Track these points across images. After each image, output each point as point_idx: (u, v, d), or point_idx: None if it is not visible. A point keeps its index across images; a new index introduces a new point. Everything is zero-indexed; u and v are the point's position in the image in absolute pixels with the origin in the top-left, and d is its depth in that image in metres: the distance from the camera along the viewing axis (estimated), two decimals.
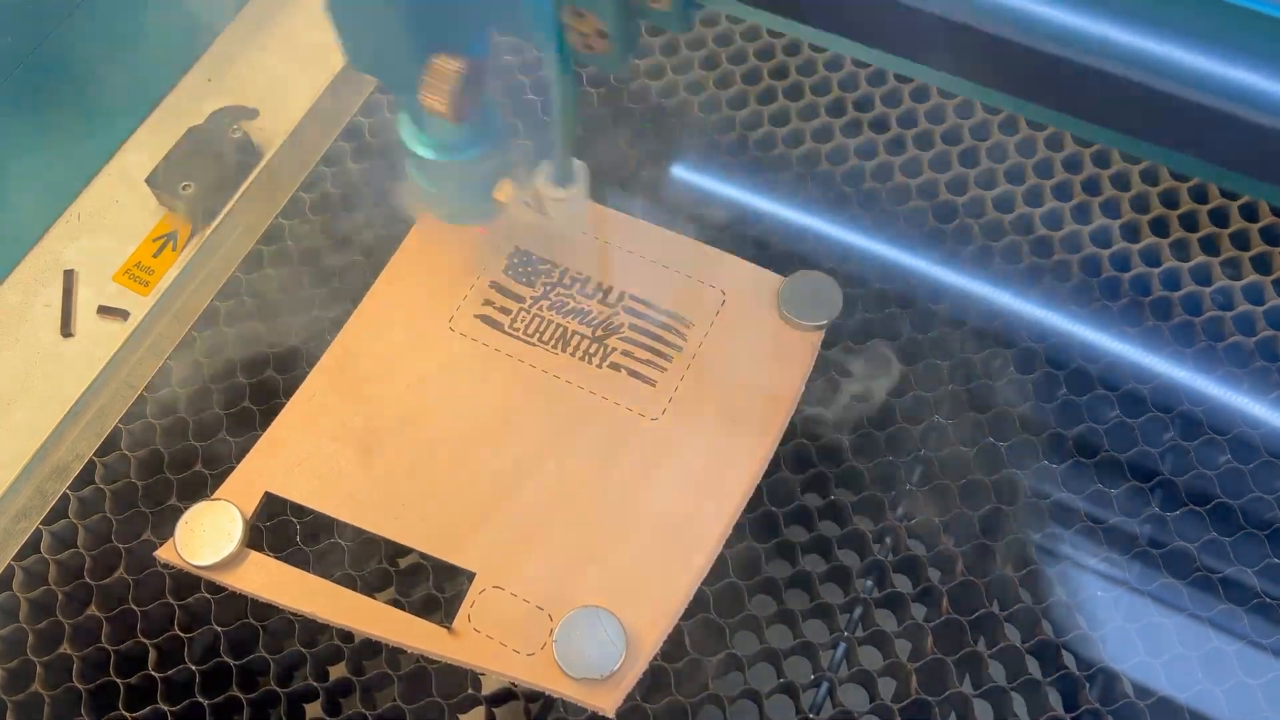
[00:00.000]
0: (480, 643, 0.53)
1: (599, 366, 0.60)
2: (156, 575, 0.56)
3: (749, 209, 0.67)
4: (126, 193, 0.71)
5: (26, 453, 0.61)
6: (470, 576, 0.55)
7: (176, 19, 0.74)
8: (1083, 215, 0.66)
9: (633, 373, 0.60)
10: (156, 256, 0.68)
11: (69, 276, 0.67)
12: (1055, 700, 0.53)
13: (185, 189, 0.68)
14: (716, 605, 0.55)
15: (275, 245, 0.66)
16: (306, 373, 0.61)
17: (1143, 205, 0.66)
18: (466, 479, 0.57)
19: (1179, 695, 0.52)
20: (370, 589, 0.56)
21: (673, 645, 0.53)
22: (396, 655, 0.54)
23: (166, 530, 0.56)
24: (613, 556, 0.55)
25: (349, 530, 0.57)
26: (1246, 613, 0.54)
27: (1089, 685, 0.53)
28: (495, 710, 0.54)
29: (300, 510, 0.57)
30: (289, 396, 0.60)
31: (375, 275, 0.64)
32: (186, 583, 0.56)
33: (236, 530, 0.55)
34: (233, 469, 0.58)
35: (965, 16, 0.38)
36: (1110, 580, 0.55)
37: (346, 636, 0.55)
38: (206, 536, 0.55)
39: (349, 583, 0.55)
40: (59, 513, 0.58)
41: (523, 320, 0.62)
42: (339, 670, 0.55)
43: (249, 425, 0.60)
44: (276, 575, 0.55)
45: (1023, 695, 0.54)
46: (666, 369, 0.60)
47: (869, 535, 0.57)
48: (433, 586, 0.56)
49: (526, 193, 0.53)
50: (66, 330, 0.66)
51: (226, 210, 0.69)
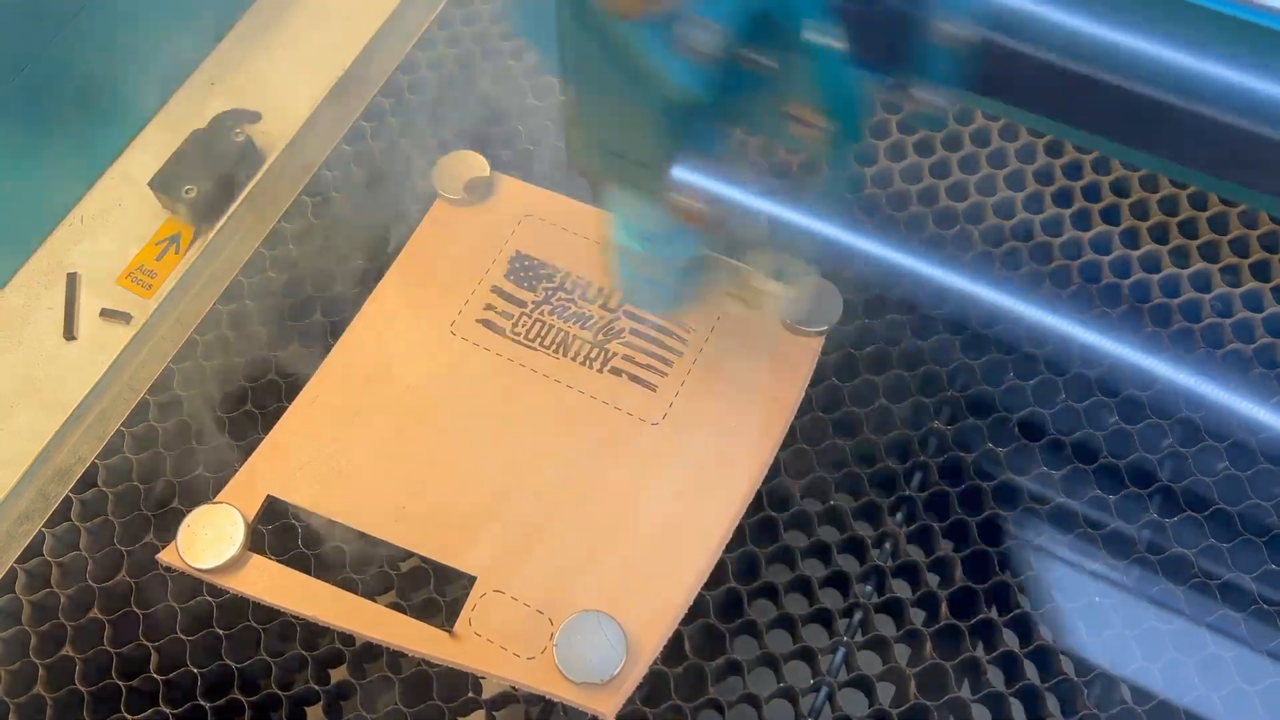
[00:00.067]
0: (481, 646, 0.53)
1: (600, 371, 0.61)
2: (158, 578, 0.56)
3: (749, 214, 0.67)
4: (129, 196, 0.71)
5: (29, 455, 0.61)
6: (471, 580, 0.55)
7: (180, 22, 0.74)
8: (1082, 221, 0.66)
9: (634, 377, 0.60)
10: (159, 260, 0.68)
11: (72, 279, 0.68)
12: (1054, 705, 0.53)
13: (188, 192, 0.68)
14: (716, 610, 0.55)
15: (278, 249, 0.66)
16: (308, 376, 0.61)
17: (1142, 212, 0.66)
18: (468, 483, 0.58)
19: (1177, 701, 0.52)
20: (371, 592, 0.56)
21: (673, 649, 0.54)
22: (397, 659, 0.54)
23: (169, 533, 0.56)
24: (613, 561, 0.55)
25: (350, 534, 0.57)
26: (1244, 619, 0.54)
27: (1087, 691, 0.53)
28: (496, 714, 0.54)
29: (302, 514, 0.57)
30: (291, 400, 0.60)
31: (377, 279, 0.64)
32: (188, 586, 0.56)
33: (238, 533, 0.55)
34: (235, 472, 0.58)
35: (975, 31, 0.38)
36: (1108, 586, 0.55)
37: (347, 640, 0.55)
38: (208, 540, 0.55)
39: (350, 586, 0.55)
40: (61, 515, 0.58)
41: (524, 325, 0.62)
42: (340, 673, 0.56)
43: (251, 429, 0.60)
44: (278, 578, 0.55)
45: (1021, 701, 0.54)
46: (667, 374, 0.61)
47: (868, 540, 0.57)
48: (434, 590, 0.56)
49: (735, 283, 0.53)
50: (69, 333, 0.66)
51: (229, 213, 0.69)
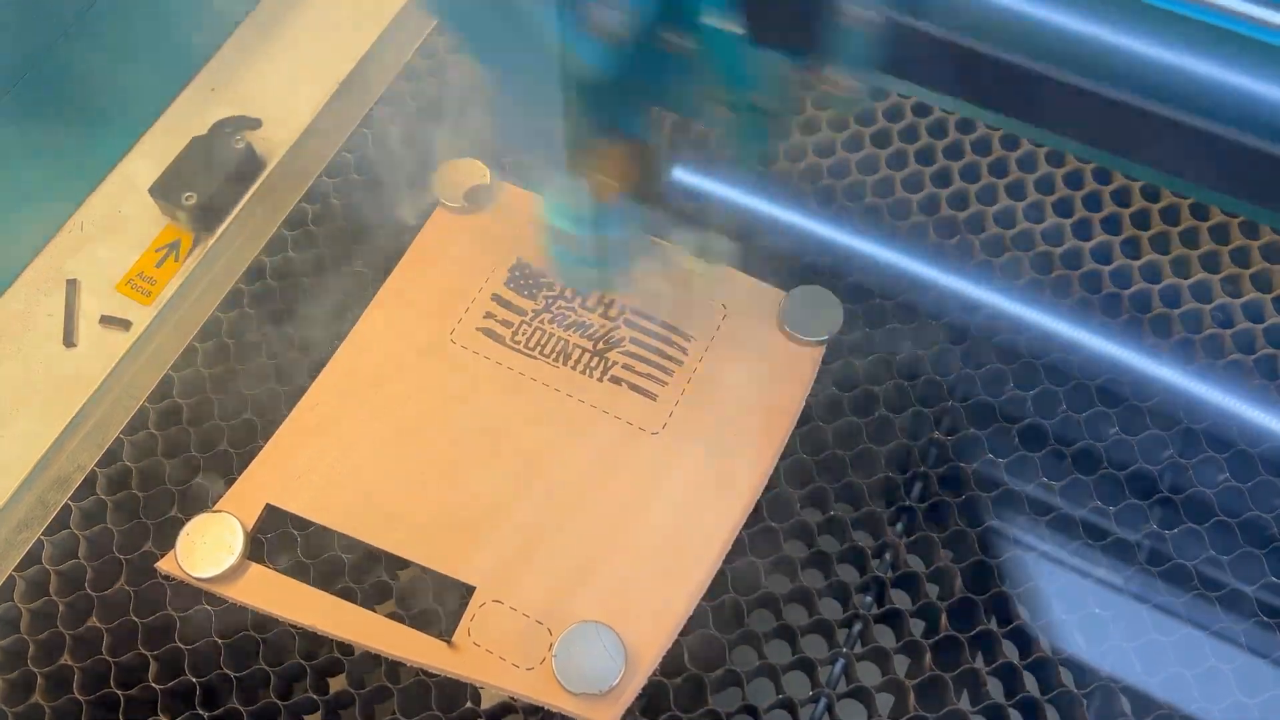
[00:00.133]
0: (480, 657, 0.53)
1: (600, 380, 0.61)
2: (157, 587, 0.56)
3: (751, 223, 0.67)
4: (129, 202, 0.71)
5: (28, 463, 0.61)
6: (470, 590, 0.55)
7: (180, 29, 0.74)
8: (1083, 231, 0.66)
9: (634, 387, 0.60)
10: (159, 266, 0.68)
11: (71, 286, 0.68)
12: (1053, 717, 0.53)
13: (188, 199, 0.68)
14: (716, 620, 0.55)
15: (278, 256, 0.66)
16: (308, 385, 0.61)
17: (1143, 222, 0.66)
18: (467, 492, 0.58)
19: (1177, 713, 0.52)
20: (370, 602, 0.56)
21: (672, 660, 0.54)
22: (396, 669, 0.54)
23: (167, 542, 0.56)
24: (612, 571, 0.55)
25: (349, 543, 0.57)
26: (1244, 631, 0.54)
27: (1087, 702, 0.53)
28: None
29: (301, 523, 0.57)
30: (290, 409, 0.60)
31: (377, 287, 0.64)
32: (187, 595, 0.56)
33: (237, 542, 0.55)
34: (234, 481, 0.58)
35: (966, 39, 0.38)
36: (1108, 598, 0.55)
37: (346, 649, 0.55)
38: (207, 549, 0.55)
39: (349, 595, 0.55)
40: (60, 523, 0.58)
41: (524, 333, 0.62)
42: (339, 683, 0.56)
43: (250, 437, 0.60)
44: (277, 588, 0.55)
45: (1020, 712, 0.54)
46: (667, 383, 0.60)
47: (868, 551, 0.57)
48: (433, 600, 0.56)
49: (664, 262, 0.53)
50: (69, 340, 0.66)
51: (229, 220, 0.69)
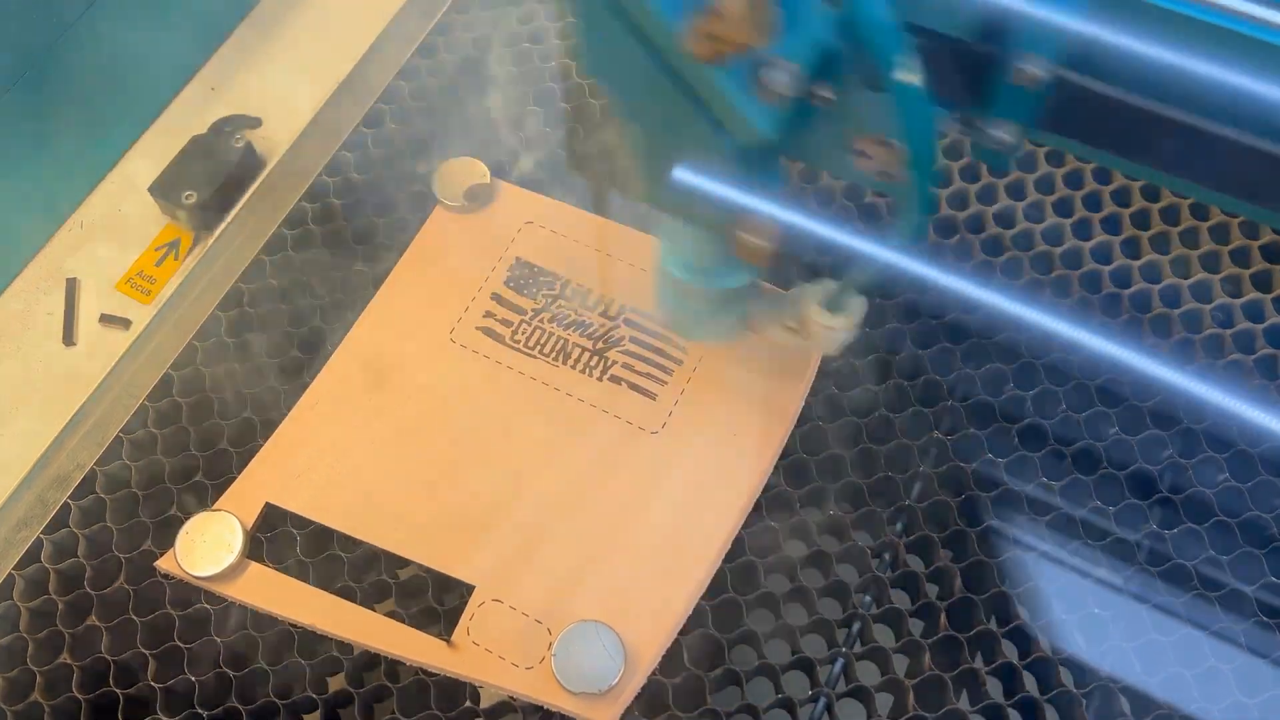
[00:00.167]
0: (479, 656, 0.53)
1: (599, 379, 0.61)
2: (157, 585, 0.56)
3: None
4: (129, 201, 0.71)
5: (28, 461, 0.61)
6: (469, 589, 0.55)
7: (180, 28, 0.74)
8: (1083, 231, 0.66)
9: (633, 386, 0.60)
10: (159, 265, 0.68)
11: (71, 285, 0.68)
12: (1053, 717, 0.53)
13: (188, 198, 0.68)
14: (715, 620, 0.55)
15: (277, 255, 0.66)
16: (308, 384, 0.61)
17: (1143, 221, 0.66)
18: (467, 491, 0.58)
19: (1176, 713, 0.52)
20: (370, 601, 0.56)
21: (671, 660, 0.54)
22: (395, 667, 0.54)
23: (167, 540, 0.56)
24: (612, 570, 0.55)
25: (349, 542, 0.57)
26: (1244, 631, 0.54)
27: (1086, 702, 0.53)
28: None
29: (300, 521, 0.57)
30: (290, 408, 0.60)
31: (377, 286, 0.64)
32: (186, 593, 0.56)
33: (236, 541, 0.55)
34: (233, 480, 0.58)
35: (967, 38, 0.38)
36: (1108, 597, 0.55)
37: (345, 648, 0.55)
38: (207, 547, 0.55)
39: (348, 594, 0.55)
40: (60, 522, 0.58)
41: (524, 332, 0.62)
42: (338, 682, 0.55)
43: (250, 436, 0.60)
44: (276, 587, 0.55)
45: (1020, 712, 0.54)
46: (667, 382, 0.60)
47: (868, 551, 0.57)
48: (432, 599, 0.56)
49: (789, 315, 0.52)
50: (69, 339, 0.66)
51: (229, 219, 0.69)
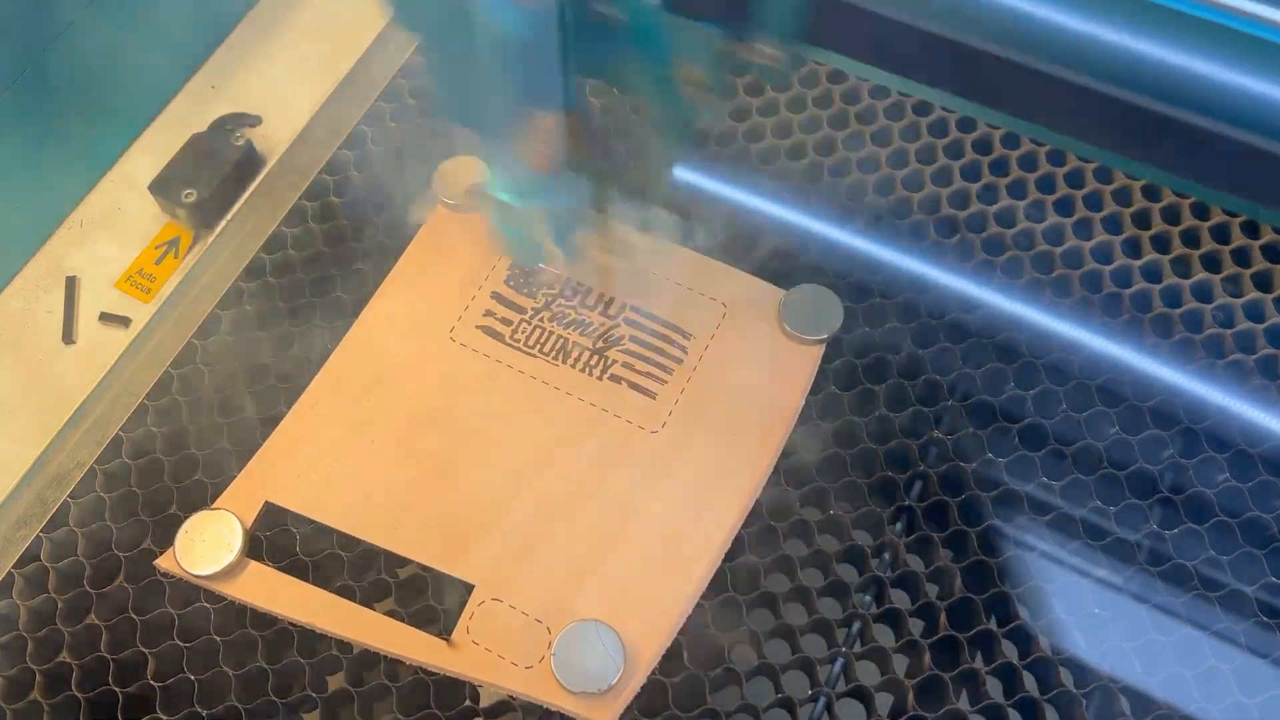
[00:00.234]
0: (478, 655, 0.53)
1: (599, 378, 0.60)
2: (156, 584, 0.56)
3: (750, 222, 0.67)
4: (129, 199, 0.71)
5: (27, 459, 0.61)
6: (469, 588, 0.55)
7: (180, 26, 0.74)
8: (1084, 231, 0.66)
9: (633, 385, 0.60)
10: (158, 264, 0.68)
11: (71, 283, 0.68)
12: (1053, 717, 0.53)
13: (188, 196, 0.68)
14: (715, 619, 0.55)
15: (277, 253, 0.66)
16: (307, 382, 0.61)
17: (1144, 221, 0.66)
18: (466, 490, 0.57)
19: (1176, 713, 0.52)
20: (369, 600, 0.56)
21: (671, 659, 0.54)
22: (395, 667, 0.54)
23: (166, 539, 0.56)
24: (612, 569, 0.55)
25: (348, 541, 0.57)
26: (1244, 631, 0.54)
27: (1086, 703, 0.53)
28: None
29: (300, 520, 0.57)
30: (290, 406, 0.60)
31: (377, 285, 0.64)
32: (186, 592, 0.56)
33: (236, 540, 0.55)
34: (233, 478, 0.58)
35: (970, 37, 0.38)
36: (1108, 598, 0.55)
37: (345, 647, 0.55)
38: (206, 546, 0.55)
39: (348, 593, 0.55)
40: (59, 520, 0.58)
41: (524, 331, 0.62)
42: (337, 681, 0.55)
43: (249, 435, 0.60)
44: (276, 585, 0.55)
45: (1020, 712, 0.53)
46: (667, 381, 0.60)
47: (868, 550, 0.57)
48: (432, 598, 0.56)
49: (609, 238, 0.53)
50: (68, 337, 0.66)
51: (229, 218, 0.69)
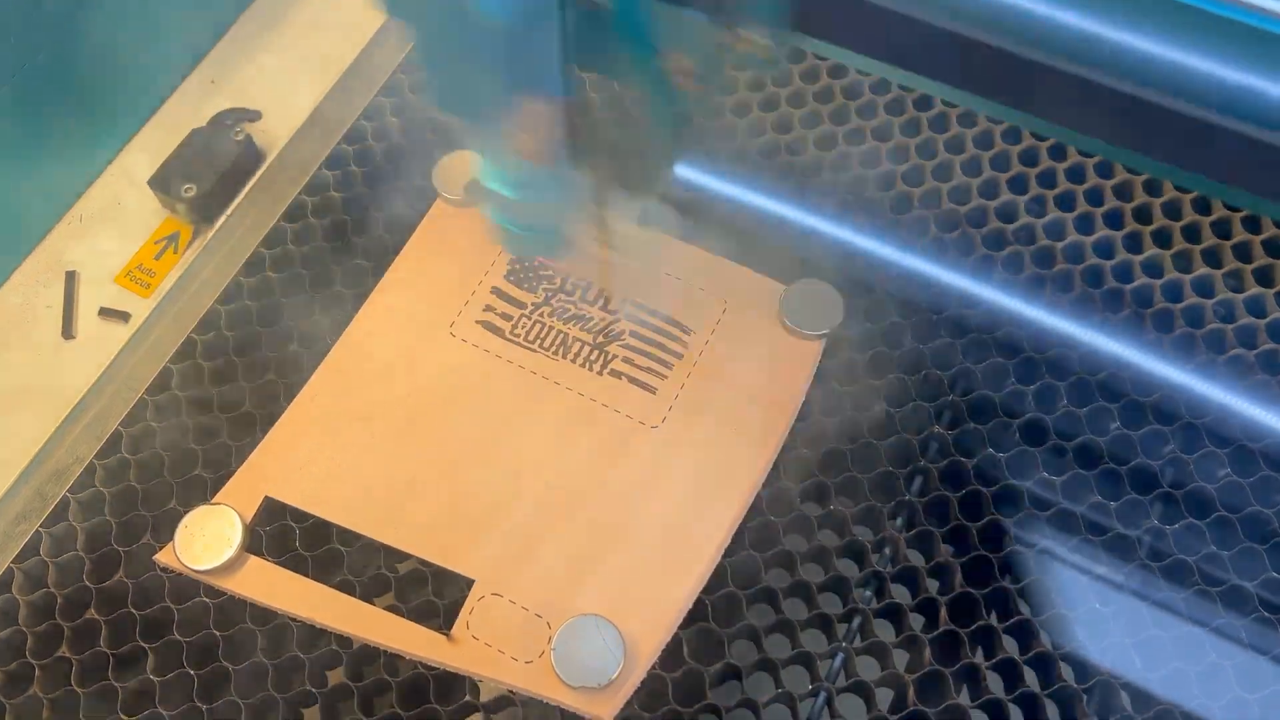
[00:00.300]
0: (478, 650, 0.53)
1: (600, 373, 0.60)
2: (155, 579, 0.56)
3: (751, 217, 0.67)
4: (129, 194, 0.71)
5: (26, 455, 0.61)
6: (469, 583, 0.55)
7: (180, 20, 0.74)
8: (1085, 226, 0.66)
9: (633, 380, 0.60)
10: (158, 259, 0.68)
11: (70, 278, 0.67)
12: (1053, 713, 0.53)
13: (187, 191, 0.68)
14: (715, 614, 0.55)
15: (277, 248, 0.66)
16: (307, 377, 0.61)
17: (1145, 216, 0.66)
18: (466, 485, 0.57)
19: (1177, 708, 0.52)
20: (369, 595, 0.56)
21: (671, 654, 0.54)
22: (395, 661, 0.54)
23: (166, 534, 0.56)
24: (612, 564, 0.55)
25: (348, 536, 0.57)
26: (1245, 627, 0.54)
27: (1087, 698, 0.53)
28: (493, 717, 0.54)
29: (300, 515, 0.57)
30: (289, 401, 0.60)
31: (377, 280, 0.64)
32: (185, 587, 0.56)
33: (236, 535, 0.55)
34: (233, 473, 0.58)
35: (973, 30, 0.38)
36: (1109, 593, 0.55)
37: (345, 642, 0.55)
38: (206, 541, 0.55)
39: (348, 588, 0.55)
40: (58, 515, 0.58)
41: (524, 326, 0.62)
42: (337, 676, 0.55)
43: (249, 429, 0.60)
44: (275, 580, 0.55)
45: (1020, 708, 0.54)
46: (667, 376, 0.60)
47: (868, 545, 0.57)
48: (431, 593, 0.56)
49: (604, 230, 0.53)
50: (68, 332, 0.66)
51: (229, 213, 0.69)
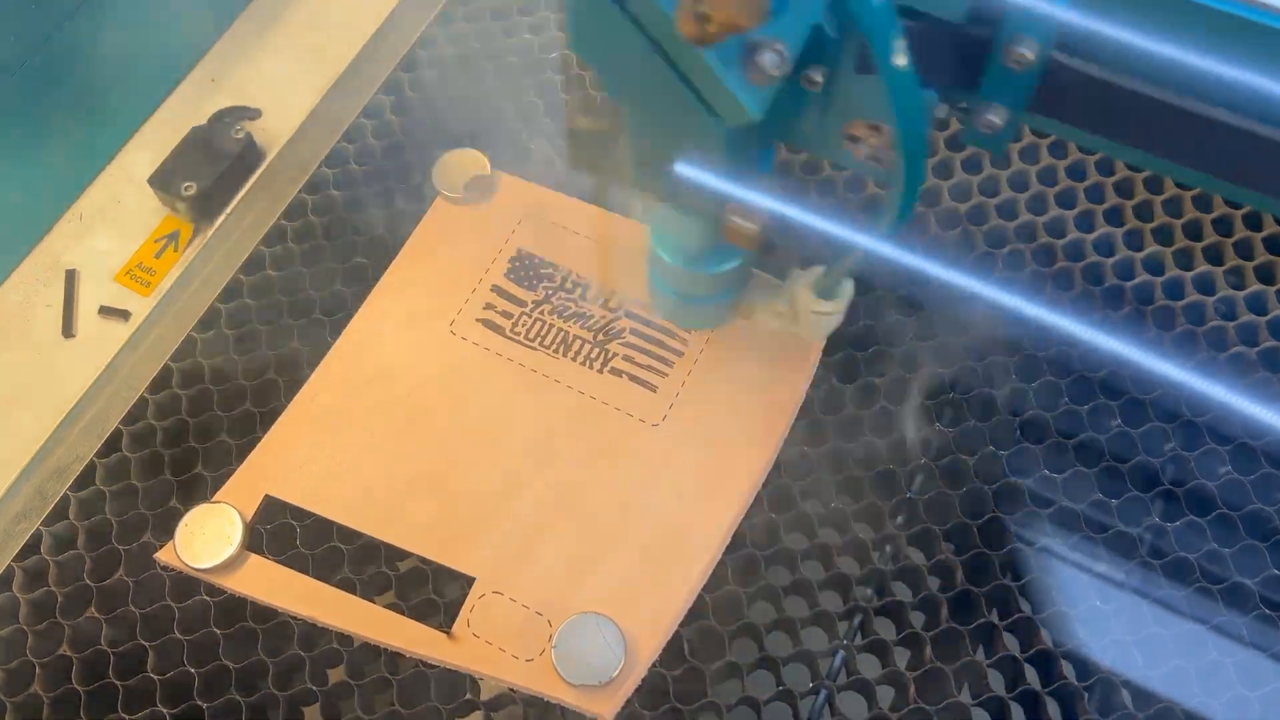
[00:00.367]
0: (479, 648, 0.53)
1: (600, 372, 0.60)
2: (156, 577, 0.56)
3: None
4: (129, 193, 0.71)
5: (27, 453, 0.61)
6: (470, 581, 0.55)
7: (180, 19, 0.74)
8: (1086, 223, 0.66)
9: (634, 378, 0.60)
10: (158, 257, 0.68)
11: (70, 277, 0.67)
12: (1054, 710, 0.53)
13: (187, 189, 0.68)
14: (715, 612, 0.55)
15: (277, 246, 0.66)
16: (307, 375, 0.61)
17: (1146, 213, 0.66)
18: (467, 483, 0.57)
19: (1178, 706, 0.52)
20: (369, 593, 0.56)
21: (671, 652, 0.54)
22: (395, 660, 0.54)
23: (166, 532, 0.56)
24: (612, 562, 0.55)
25: (348, 534, 0.57)
26: (1246, 624, 0.54)
27: (1087, 696, 0.53)
28: (493, 715, 0.54)
29: (300, 513, 0.57)
30: (289, 399, 0.60)
31: (377, 278, 0.64)
32: (186, 585, 0.56)
33: (236, 533, 0.55)
34: (233, 471, 0.58)
35: (973, 27, 0.38)
36: (1110, 591, 0.55)
37: (345, 640, 0.55)
38: (206, 539, 0.55)
39: (348, 586, 0.55)
40: (59, 514, 0.58)
41: (524, 324, 0.62)
42: (338, 674, 0.55)
43: (249, 428, 0.60)
44: (276, 578, 0.55)
45: (1021, 705, 0.54)
46: (668, 375, 0.60)
47: (869, 543, 0.57)
48: (432, 591, 0.56)
49: (780, 301, 0.52)
50: (68, 331, 0.66)
51: (229, 211, 0.69)
